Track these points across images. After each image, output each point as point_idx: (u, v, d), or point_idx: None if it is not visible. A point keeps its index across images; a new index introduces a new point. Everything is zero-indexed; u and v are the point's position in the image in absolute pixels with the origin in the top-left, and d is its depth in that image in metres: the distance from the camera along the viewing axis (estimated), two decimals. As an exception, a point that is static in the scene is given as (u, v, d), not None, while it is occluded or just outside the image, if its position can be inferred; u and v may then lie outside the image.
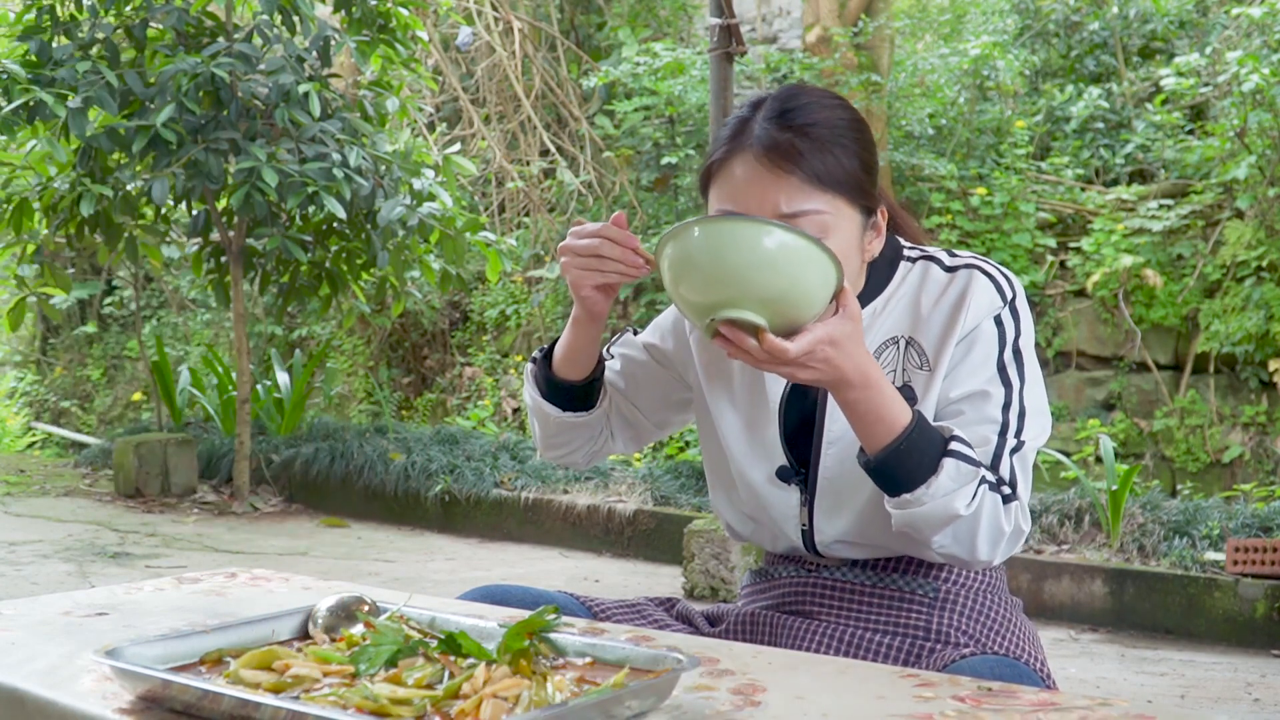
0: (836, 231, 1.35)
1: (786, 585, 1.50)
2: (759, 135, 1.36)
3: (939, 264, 1.45)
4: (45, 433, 10.09)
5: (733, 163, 1.37)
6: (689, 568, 4.70)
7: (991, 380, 1.37)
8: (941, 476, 1.28)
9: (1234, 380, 6.00)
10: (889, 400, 1.28)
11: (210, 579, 1.63)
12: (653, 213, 7.93)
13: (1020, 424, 1.36)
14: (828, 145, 1.35)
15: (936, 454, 1.29)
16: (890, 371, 1.41)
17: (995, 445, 1.35)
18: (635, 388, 1.60)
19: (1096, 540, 4.55)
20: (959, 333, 1.38)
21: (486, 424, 7.42)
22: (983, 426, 1.36)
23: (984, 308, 1.39)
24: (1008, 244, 6.57)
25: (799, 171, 1.34)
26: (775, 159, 1.34)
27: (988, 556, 1.34)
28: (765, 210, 1.34)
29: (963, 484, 1.29)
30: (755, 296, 1.18)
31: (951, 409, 1.38)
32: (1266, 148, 5.93)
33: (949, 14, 9.07)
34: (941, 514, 1.29)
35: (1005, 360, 1.38)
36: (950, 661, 1.33)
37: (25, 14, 5.75)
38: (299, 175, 5.47)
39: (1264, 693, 3.48)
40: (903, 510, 1.31)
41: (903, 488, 1.29)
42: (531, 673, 1.05)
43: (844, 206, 1.36)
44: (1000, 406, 1.36)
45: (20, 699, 1.10)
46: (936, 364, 1.39)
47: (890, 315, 1.44)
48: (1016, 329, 1.40)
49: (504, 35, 8.62)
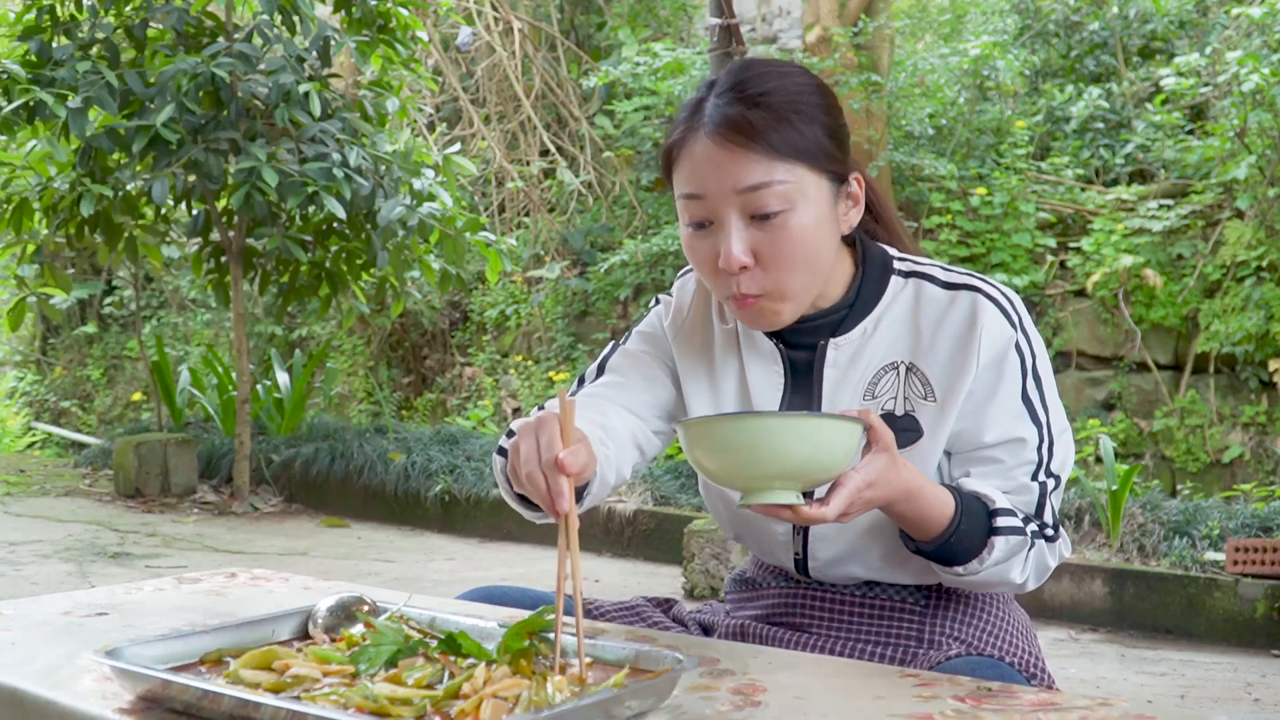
0: (803, 201, 1.31)
1: (774, 596, 1.47)
2: (711, 114, 1.31)
3: (934, 281, 1.39)
4: (45, 433, 10.09)
5: (691, 144, 1.33)
6: (689, 568, 4.70)
7: (1021, 418, 1.35)
8: (994, 553, 1.30)
9: (1234, 380, 5.99)
10: (931, 502, 1.27)
11: (210, 579, 1.63)
12: (653, 213, 7.93)
13: (1051, 456, 1.36)
14: (784, 114, 1.30)
15: (983, 534, 1.30)
16: (890, 399, 1.37)
17: (1038, 493, 1.36)
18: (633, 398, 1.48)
19: (1096, 540, 4.55)
20: (974, 368, 1.33)
21: (486, 424, 7.42)
22: (1021, 472, 1.35)
23: (999, 340, 1.34)
24: (1008, 244, 6.57)
25: (755, 145, 1.29)
26: (729, 135, 1.29)
27: (1035, 587, 1.39)
28: (724, 188, 1.29)
29: (1013, 554, 1.31)
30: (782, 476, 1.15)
31: (986, 454, 1.35)
32: (1266, 148, 5.93)
33: (949, 14, 9.08)
34: (997, 580, 1.33)
35: (1029, 391, 1.36)
36: (936, 664, 1.32)
37: (25, 14, 5.75)
38: (299, 175, 5.47)
39: (1264, 693, 3.48)
40: (957, 579, 1.34)
41: (955, 564, 1.31)
42: (531, 673, 1.05)
43: (808, 175, 1.31)
44: (1035, 448, 1.35)
45: (20, 699, 1.10)
46: (947, 399, 1.34)
47: (885, 337, 1.39)
48: (1032, 352, 1.37)
49: (504, 35, 8.62)
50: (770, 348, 1.44)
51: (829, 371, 1.39)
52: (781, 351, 1.43)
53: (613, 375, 1.51)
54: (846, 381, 1.39)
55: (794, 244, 1.31)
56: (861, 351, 1.39)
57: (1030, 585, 1.36)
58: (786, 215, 1.30)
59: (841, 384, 1.39)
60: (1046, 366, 1.38)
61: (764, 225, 1.30)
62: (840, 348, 1.39)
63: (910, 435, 1.35)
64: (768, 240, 1.31)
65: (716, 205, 1.31)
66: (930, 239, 6.76)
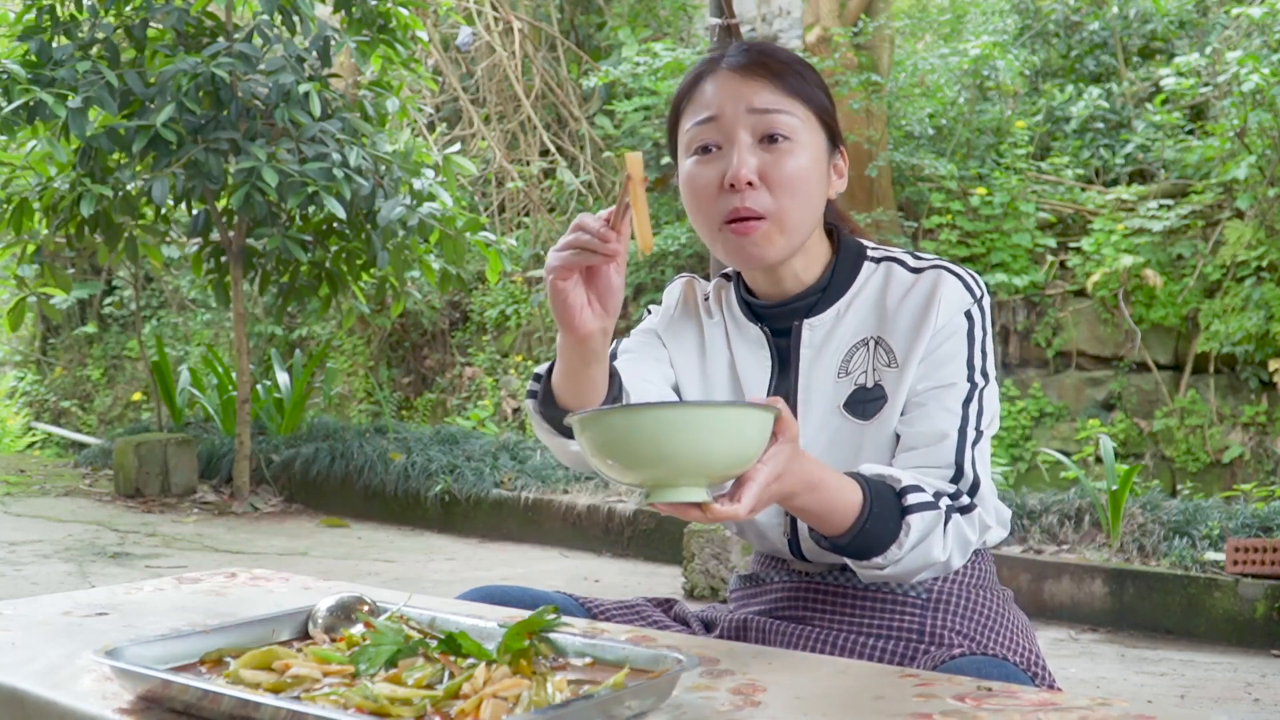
0: (806, 141, 1.39)
1: (778, 591, 1.50)
2: (730, 56, 1.42)
3: (903, 265, 1.46)
4: (45, 433, 10.10)
5: (703, 83, 1.42)
6: (689, 568, 4.70)
7: (958, 373, 1.39)
8: (911, 534, 1.29)
9: (1234, 380, 6.00)
10: (836, 492, 1.26)
11: (210, 579, 1.63)
12: (653, 213, 7.93)
13: (979, 419, 1.38)
14: (795, 67, 1.41)
15: (896, 516, 1.29)
16: (862, 373, 1.42)
17: (955, 441, 1.36)
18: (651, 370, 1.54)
19: (1096, 540, 4.55)
20: (930, 329, 1.39)
21: (486, 424, 7.42)
22: (942, 419, 1.37)
23: (955, 304, 1.40)
24: (1008, 244, 6.57)
25: (772, 79, 1.39)
26: (749, 68, 1.39)
27: (959, 564, 1.37)
28: (739, 108, 1.38)
29: (929, 530, 1.30)
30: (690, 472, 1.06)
31: (916, 400, 1.39)
32: (1266, 148, 5.93)
33: (949, 14, 9.08)
34: (920, 563, 1.31)
35: (974, 358, 1.40)
36: (940, 662, 1.33)
37: (25, 14, 5.75)
38: (299, 175, 5.47)
39: (1264, 693, 3.48)
40: (879, 572, 1.31)
41: (873, 554, 1.30)
42: (531, 673, 1.05)
43: (813, 120, 1.41)
44: (961, 400, 1.38)
45: (20, 699, 1.10)
46: (906, 361, 1.40)
47: (855, 316, 1.45)
48: (984, 328, 1.42)
49: (504, 35, 8.62)
50: (757, 334, 1.49)
51: (804, 351, 1.45)
52: (767, 335, 1.48)
53: (625, 357, 1.55)
54: (820, 360, 1.44)
55: (796, 172, 1.38)
56: (834, 331, 1.45)
57: (955, 562, 1.34)
58: (792, 144, 1.39)
59: (815, 362, 1.44)
60: (991, 352, 1.43)
61: (771, 148, 1.38)
62: (814, 328, 1.45)
63: (878, 404, 1.40)
64: (774, 163, 1.38)
65: (729, 126, 1.39)
66: (930, 239, 6.76)
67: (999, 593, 1.49)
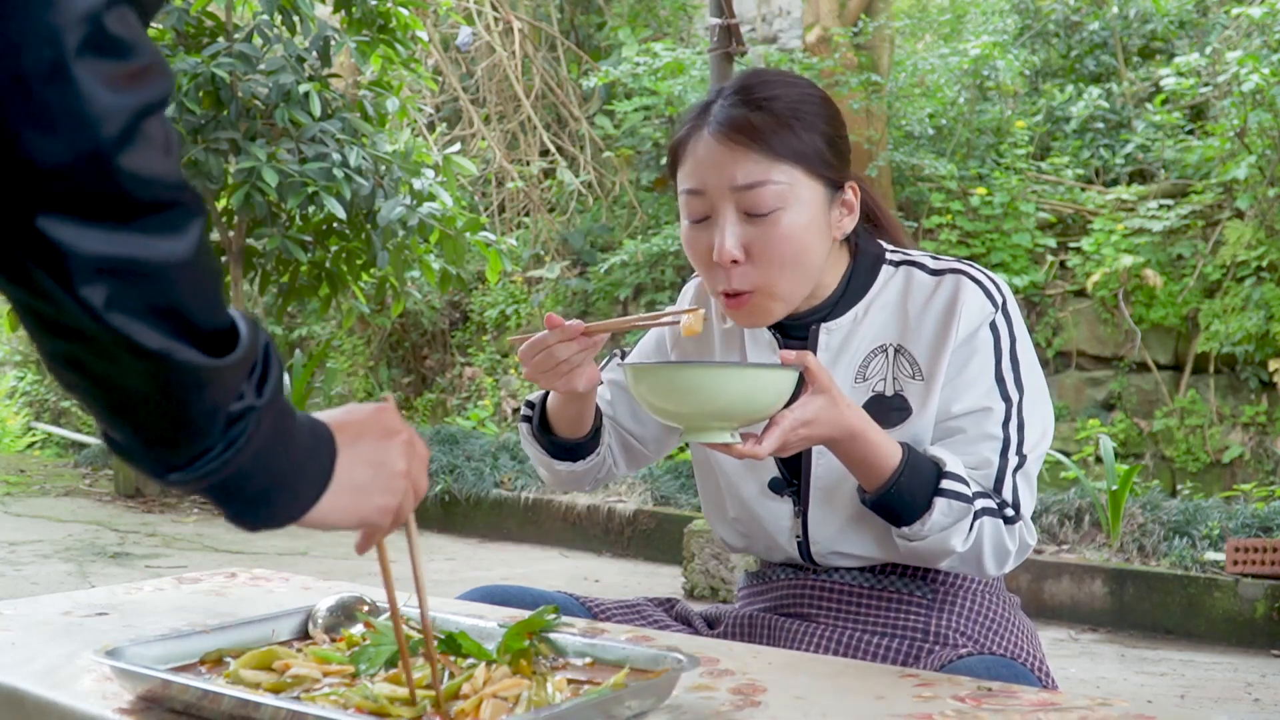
0: (796, 203, 1.37)
1: (784, 588, 1.51)
2: (716, 114, 1.39)
3: (923, 269, 1.44)
4: (45, 433, 10.09)
5: (694, 143, 1.40)
6: (689, 568, 4.71)
7: (990, 393, 1.38)
8: (934, 515, 1.30)
9: (1234, 380, 5.99)
10: (875, 445, 1.30)
11: (210, 579, 1.63)
12: (653, 213, 7.93)
13: (1021, 437, 1.37)
14: (786, 119, 1.37)
15: (928, 493, 1.31)
16: (880, 380, 1.41)
17: (997, 467, 1.36)
18: (628, 414, 1.62)
19: (1096, 540, 4.55)
20: (953, 342, 1.38)
21: (486, 424, 7.42)
22: (983, 445, 1.37)
23: (976, 316, 1.39)
24: (1008, 244, 6.57)
25: (755, 145, 1.36)
26: (731, 135, 1.37)
27: (995, 572, 1.38)
28: (723, 184, 1.36)
29: (955, 520, 1.31)
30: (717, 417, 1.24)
31: (952, 424, 1.38)
32: (1266, 148, 5.93)
33: (949, 14, 9.07)
34: (939, 549, 1.33)
35: (1003, 371, 1.39)
36: (948, 662, 1.33)
37: (25, 14, 5.75)
38: (299, 175, 5.47)
39: (1264, 693, 3.48)
40: (905, 542, 1.35)
41: (902, 522, 1.33)
42: (531, 673, 1.05)
43: (803, 178, 1.37)
44: (1000, 422, 1.37)
45: (20, 699, 1.10)
46: (931, 374, 1.39)
47: (875, 322, 1.44)
48: (1011, 335, 1.40)
49: (504, 35, 8.62)
50: (769, 339, 1.49)
51: (821, 355, 1.45)
52: (779, 341, 1.49)
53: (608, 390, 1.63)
54: (837, 364, 1.44)
55: (784, 242, 1.37)
56: (852, 335, 1.44)
57: (990, 567, 1.36)
58: (779, 214, 1.36)
59: (832, 367, 1.44)
60: (1028, 353, 1.41)
61: (757, 222, 1.37)
62: (831, 332, 1.45)
63: (900, 414, 1.40)
64: (760, 236, 1.37)
65: (714, 200, 1.38)
66: (930, 239, 6.76)
67: (1006, 598, 1.49)
